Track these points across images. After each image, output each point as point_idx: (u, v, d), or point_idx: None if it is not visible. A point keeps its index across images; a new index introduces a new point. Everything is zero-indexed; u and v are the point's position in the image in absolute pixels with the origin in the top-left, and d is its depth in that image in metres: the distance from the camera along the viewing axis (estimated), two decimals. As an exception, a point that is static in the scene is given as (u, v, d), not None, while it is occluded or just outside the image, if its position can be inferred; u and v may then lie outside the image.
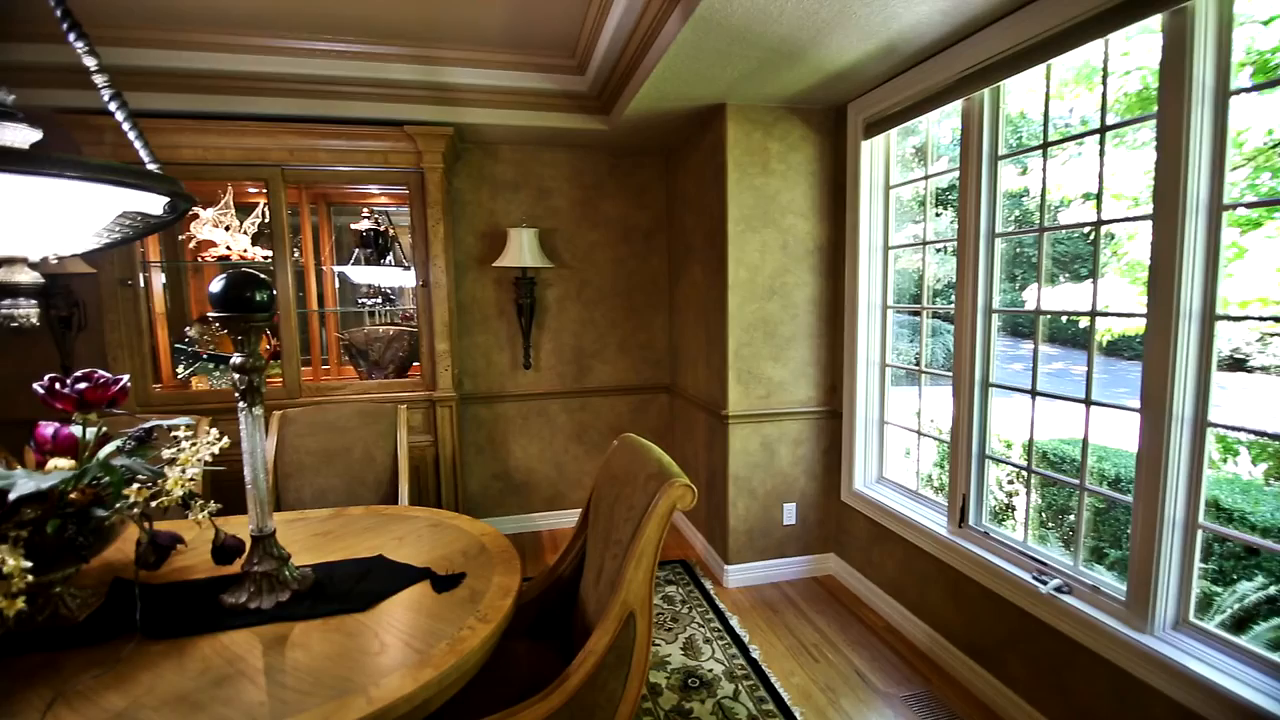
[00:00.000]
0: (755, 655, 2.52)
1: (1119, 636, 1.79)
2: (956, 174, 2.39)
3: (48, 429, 1.40)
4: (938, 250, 2.90)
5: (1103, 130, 1.90)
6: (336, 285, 3.75)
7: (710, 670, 2.44)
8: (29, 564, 1.17)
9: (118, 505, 1.28)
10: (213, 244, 3.28)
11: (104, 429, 1.42)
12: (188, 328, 3.32)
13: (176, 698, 1.13)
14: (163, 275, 3.22)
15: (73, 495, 1.28)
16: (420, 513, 2.04)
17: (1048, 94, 2.13)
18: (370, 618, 1.39)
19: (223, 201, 3.23)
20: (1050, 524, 3.70)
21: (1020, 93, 2.51)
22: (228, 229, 3.28)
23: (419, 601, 1.46)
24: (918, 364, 2.81)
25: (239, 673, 1.20)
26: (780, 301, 3.08)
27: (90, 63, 1.50)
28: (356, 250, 3.58)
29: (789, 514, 3.19)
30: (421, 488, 3.15)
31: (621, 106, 3.00)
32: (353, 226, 3.53)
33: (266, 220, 3.24)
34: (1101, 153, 1.92)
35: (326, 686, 1.16)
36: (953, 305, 2.44)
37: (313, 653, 1.26)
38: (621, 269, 3.92)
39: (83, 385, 1.32)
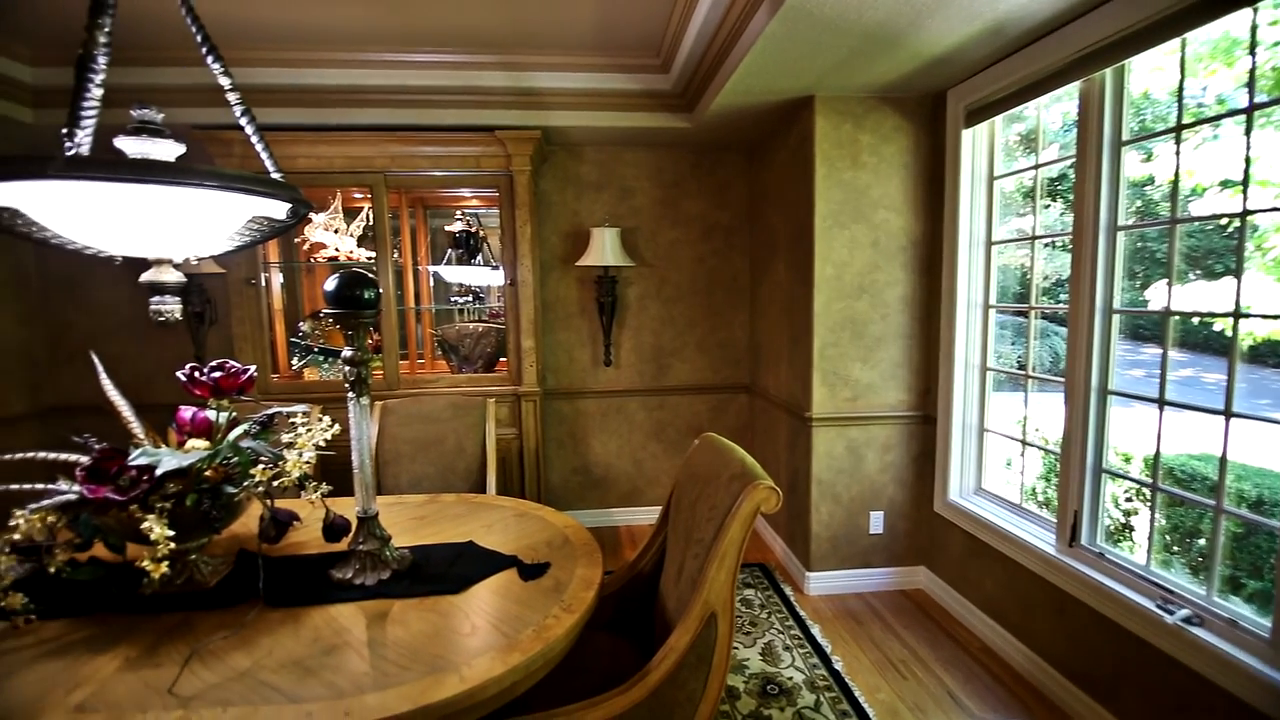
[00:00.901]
0: (838, 667, 2.44)
1: (1260, 677, 1.59)
2: (1069, 162, 2.20)
3: (187, 413, 1.56)
4: (1045, 245, 2.69)
5: (1250, 110, 1.69)
6: (431, 284, 3.96)
7: (790, 678, 2.38)
8: (171, 533, 1.31)
9: (245, 483, 1.41)
10: (323, 246, 3.55)
11: (233, 414, 1.57)
12: (301, 323, 3.61)
13: (292, 662, 1.23)
14: (280, 275, 3.51)
15: (208, 473, 1.43)
16: (506, 502, 2.12)
17: (1183, 71, 1.92)
18: (462, 600, 1.45)
19: (332, 207, 3.48)
20: (1176, 548, 3.35)
21: (1142, 71, 2.28)
22: (336, 232, 3.54)
23: (506, 587, 1.51)
24: (1021, 368, 2.62)
25: (345, 643, 1.29)
26: (870, 300, 2.95)
27: (225, 82, 1.65)
28: (449, 251, 3.76)
29: (876, 522, 3.06)
30: (506, 478, 3.27)
31: (705, 103, 2.98)
32: (446, 228, 3.71)
33: (370, 223, 3.47)
34: (1248, 134, 1.70)
35: (423, 662, 1.22)
36: (1064, 305, 2.26)
37: (410, 629, 1.34)
38: (702, 267, 3.90)
39: (217, 374, 1.46)
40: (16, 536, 1.33)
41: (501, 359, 3.60)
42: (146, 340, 3.67)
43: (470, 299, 3.99)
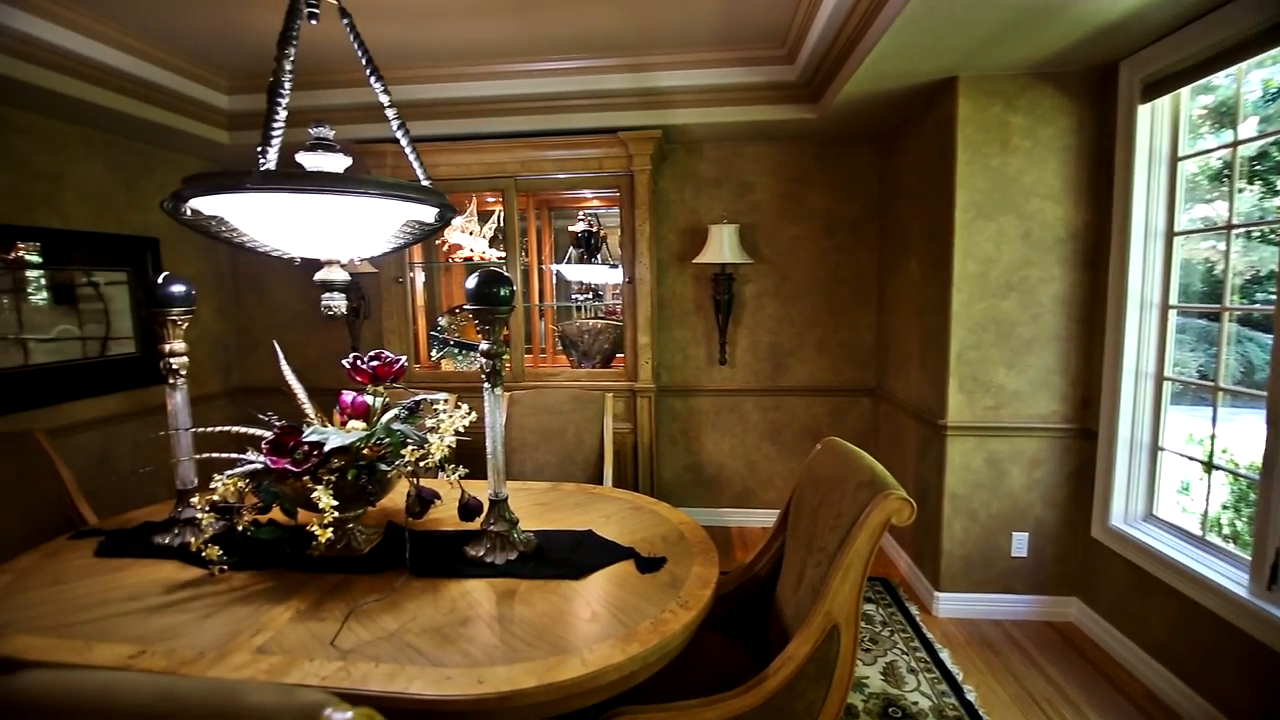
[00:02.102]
0: (970, 698, 2.24)
1: None
2: (1274, 138, 1.85)
3: (348, 396, 1.74)
4: (1238, 236, 2.28)
5: None
6: (554, 282, 4.14)
7: (915, 703, 2.22)
8: (335, 502, 1.47)
9: (396, 462, 1.56)
10: (459, 247, 3.82)
11: (386, 399, 1.73)
12: (440, 318, 3.91)
13: (432, 628, 1.33)
14: (422, 274, 3.83)
15: (365, 451, 1.58)
16: (623, 495, 2.16)
17: None
18: (582, 586, 1.50)
19: (468, 210, 3.74)
20: None
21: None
22: (471, 234, 3.80)
23: (624, 578, 1.54)
24: (1203, 378, 2.25)
25: (477, 616, 1.38)
26: (1019, 299, 2.68)
27: (384, 100, 1.82)
28: (571, 250, 3.91)
29: (1019, 544, 2.78)
30: (620, 471, 3.34)
31: (833, 92, 2.85)
32: (570, 228, 3.85)
33: (500, 225, 3.69)
34: None
35: (546, 641, 1.28)
36: (1265, 306, 1.91)
37: (535, 609, 1.40)
38: (824, 263, 3.74)
39: (375, 363, 1.62)
40: (216, 497, 1.56)
41: (618, 355, 3.68)
42: (312, 332, 4.16)
43: (589, 296, 4.12)
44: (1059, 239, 2.65)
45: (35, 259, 2.90)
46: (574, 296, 4.18)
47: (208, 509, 1.59)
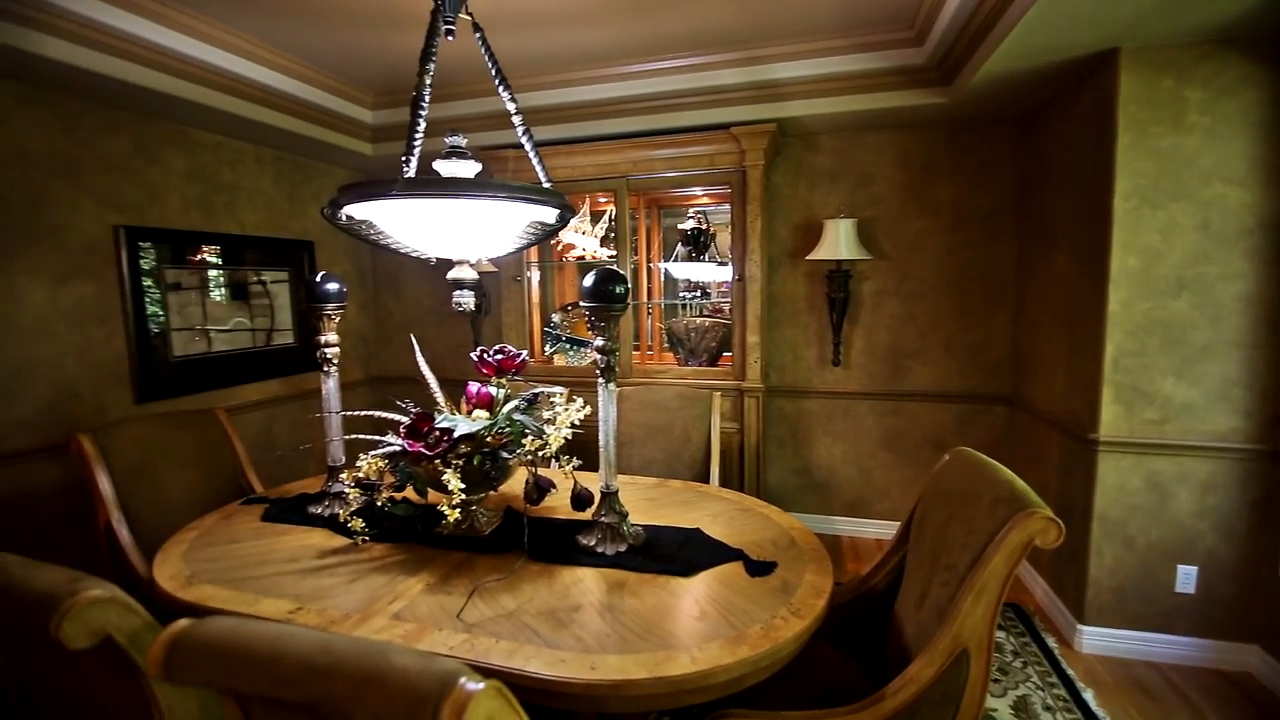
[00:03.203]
0: (1120, 745, 2.00)
1: None
2: None
3: (473, 387, 1.85)
4: None
5: None
6: (661, 280, 4.17)
7: (1051, 743, 2.01)
8: (462, 485, 1.56)
9: (517, 451, 1.64)
10: (572, 246, 3.95)
11: (508, 391, 1.83)
12: (553, 314, 4.07)
13: (547, 611, 1.39)
14: (538, 273, 4.00)
15: (489, 439, 1.68)
16: (730, 495, 2.13)
17: None
18: (691, 584, 1.50)
19: (581, 211, 3.86)
20: None
21: None
22: (583, 234, 3.92)
23: (732, 580, 1.52)
24: None
25: (589, 603, 1.42)
26: (1192, 298, 2.34)
27: (511, 107, 1.92)
28: (679, 247, 3.92)
29: (1185, 579, 2.43)
30: (726, 472, 3.30)
31: (969, 73, 2.64)
32: (679, 226, 3.86)
33: (611, 225, 3.77)
34: None
35: (656, 635, 1.29)
36: None
37: (644, 602, 1.42)
38: (952, 259, 3.48)
39: (499, 356, 1.71)
40: (360, 474, 1.72)
41: (725, 354, 3.64)
42: (439, 326, 4.49)
43: (697, 294, 4.10)
44: (1245, 229, 2.28)
45: (215, 260, 3.36)
46: (681, 294, 4.18)
47: (353, 485, 1.76)
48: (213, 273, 3.35)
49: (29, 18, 2.13)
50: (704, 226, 3.82)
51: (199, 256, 3.27)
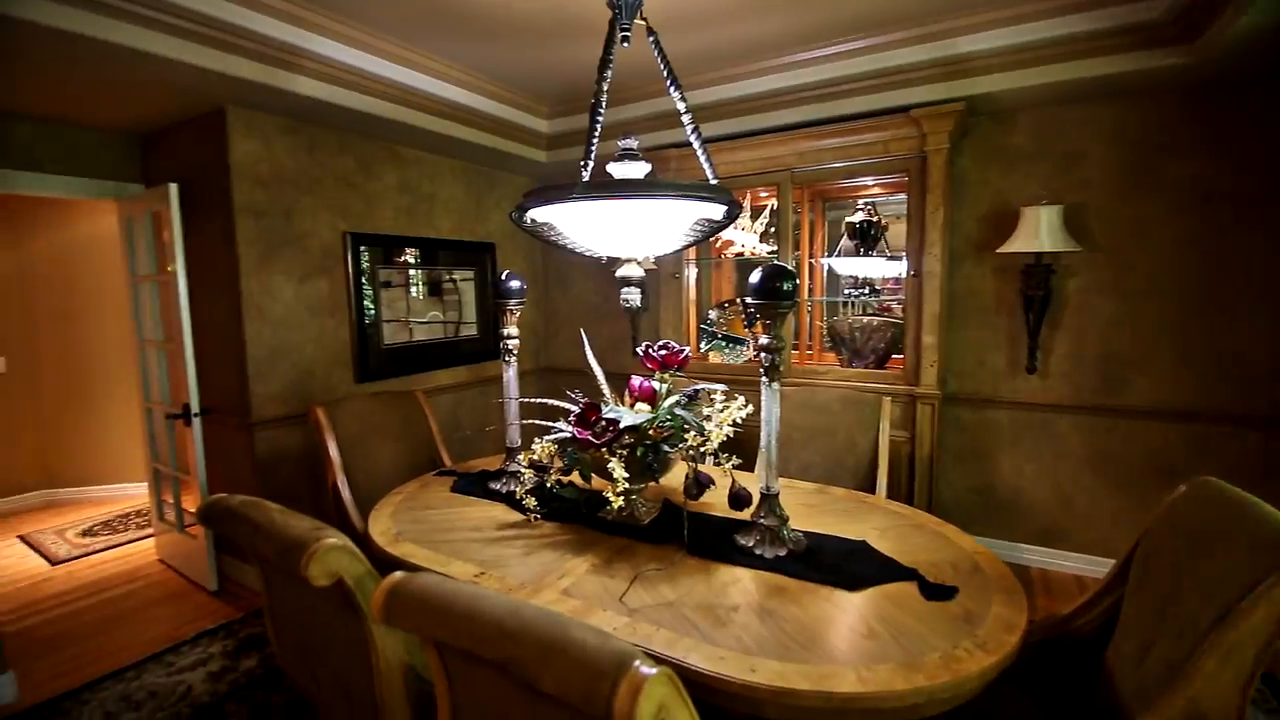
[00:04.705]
0: None
1: None
2: None
3: (637, 380, 1.91)
4: None
5: None
6: (824, 276, 3.98)
7: None
8: (626, 474, 1.62)
9: (678, 445, 1.66)
10: (731, 243, 3.92)
11: (669, 386, 1.86)
12: (710, 311, 4.08)
13: (706, 607, 1.39)
14: (695, 269, 4.02)
15: (650, 432, 1.72)
16: (901, 509, 1.98)
17: None
18: (856, 599, 1.41)
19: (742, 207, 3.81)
20: None
21: None
22: (742, 229, 3.86)
23: (904, 600, 1.41)
24: None
25: (747, 605, 1.40)
26: None
27: (681, 107, 1.93)
28: (843, 241, 3.71)
29: None
30: (893, 483, 3.06)
31: (1224, 24, 2.17)
32: (847, 219, 3.66)
33: (771, 220, 3.68)
34: None
35: (819, 646, 1.23)
36: None
37: (806, 611, 1.36)
38: (1189, 251, 2.90)
39: (663, 351, 1.74)
40: (535, 456, 1.85)
41: (895, 355, 3.38)
42: (600, 322, 4.70)
43: (866, 291, 3.86)
44: None
45: (414, 261, 3.82)
46: (846, 291, 3.96)
47: (528, 465, 1.90)
48: (413, 272, 3.82)
49: (287, 62, 2.59)
50: (874, 219, 3.59)
51: (402, 258, 3.75)
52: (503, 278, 2.13)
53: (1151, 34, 2.52)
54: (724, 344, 3.96)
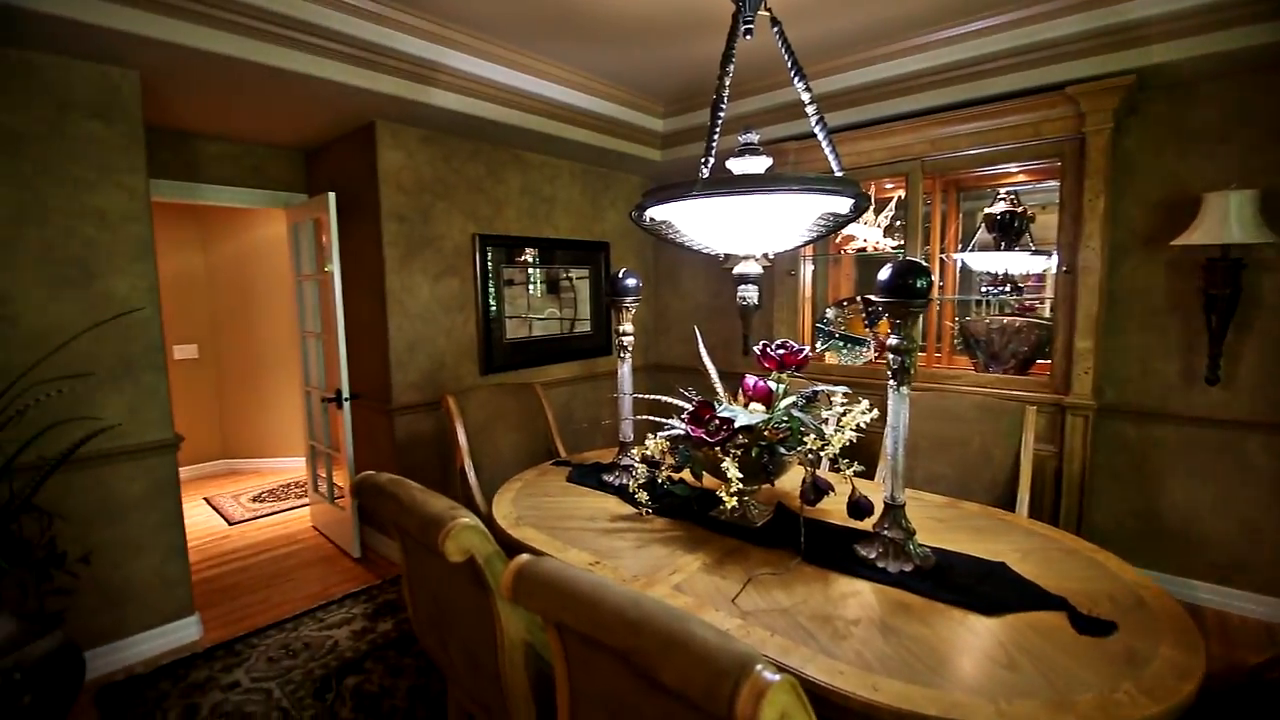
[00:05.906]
0: None
1: None
2: None
3: (751, 380, 1.87)
4: None
5: None
6: (956, 272, 3.69)
7: None
8: (739, 475, 1.59)
9: (796, 448, 1.61)
10: (852, 238, 3.73)
11: (786, 386, 1.81)
12: (827, 310, 3.92)
13: (823, 617, 1.33)
14: (812, 266, 3.88)
15: (766, 432, 1.68)
16: (1047, 531, 1.79)
17: None
18: (993, 625, 1.30)
19: (865, 199, 3.61)
20: None
21: None
22: (864, 224, 3.67)
23: (1051, 632, 1.27)
24: None
25: (869, 619, 1.33)
26: None
27: (805, 97, 1.87)
28: (979, 234, 3.41)
29: None
30: (1035, 501, 2.78)
31: None
32: (985, 211, 3.36)
33: (897, 213, 3.46)
34: None
35: (949, 671, 1.14)
36: None
37: (935, 632, 1.27)
38: None
39: (782, 351, 1.70)
40: (648, 451, 1.87)
41: (1038, 360, 3.06)
42: (710, 320, 4.67)
43: (1007, 289, 3.52)
44: None
45: (533, 260, 4.00)
46: (983, 289, 3.64)
47: (641, 460, 1.93)
48: (532, 270, 4.00)
49: (425, 76, 2.80)
50: (1017, 209, 3.26)
51: (523, 257, 3.93)
52: (619, 276, 2.17)
53: (1392, -22, 2.08)
54: (842, 344, 3.78)
